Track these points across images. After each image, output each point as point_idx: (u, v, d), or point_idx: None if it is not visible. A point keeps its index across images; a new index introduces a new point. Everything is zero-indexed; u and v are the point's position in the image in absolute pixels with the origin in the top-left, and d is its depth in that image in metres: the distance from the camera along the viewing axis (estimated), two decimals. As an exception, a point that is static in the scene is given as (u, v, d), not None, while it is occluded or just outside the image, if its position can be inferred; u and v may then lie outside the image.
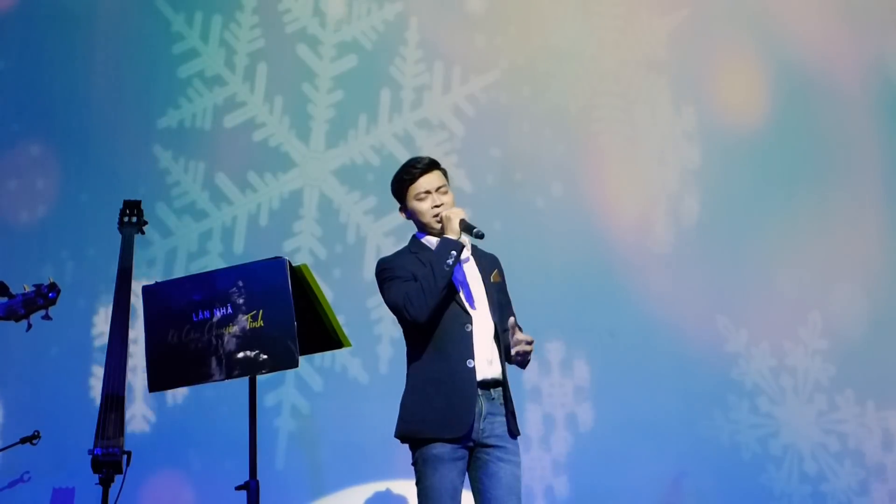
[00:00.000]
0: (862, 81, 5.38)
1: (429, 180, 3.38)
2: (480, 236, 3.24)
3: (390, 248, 5.08)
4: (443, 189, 3.38)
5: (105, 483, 3.88)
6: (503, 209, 5.11)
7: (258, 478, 3.11)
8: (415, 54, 5.35)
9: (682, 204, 5.23)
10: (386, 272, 3.35)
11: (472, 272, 3.37)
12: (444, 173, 3.45)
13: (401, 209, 3.47)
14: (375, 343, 5.00)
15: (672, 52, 5.38)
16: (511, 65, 5.36)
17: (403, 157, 5.19)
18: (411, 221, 3.48)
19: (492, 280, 3.38)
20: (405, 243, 5.23)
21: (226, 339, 3.09)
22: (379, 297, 4.98)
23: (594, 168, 5.27)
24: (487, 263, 3.42)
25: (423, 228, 3.42)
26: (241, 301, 3.10)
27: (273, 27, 5.35)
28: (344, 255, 5.12)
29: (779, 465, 4.96)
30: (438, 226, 3.34)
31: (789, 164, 5.28)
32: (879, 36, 5.44)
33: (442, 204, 3.35)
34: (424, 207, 3.36)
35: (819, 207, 5.24)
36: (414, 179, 3.39)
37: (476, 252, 3.45)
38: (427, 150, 5.21)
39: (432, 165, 3.42)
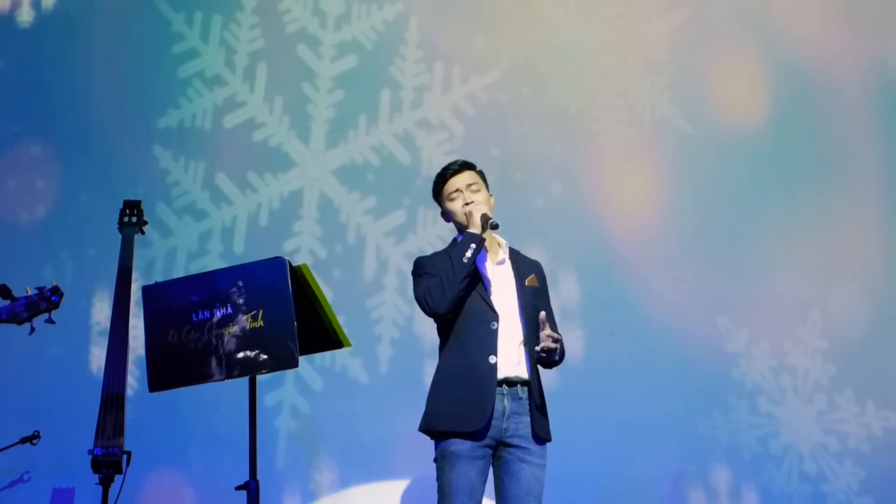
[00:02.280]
0: (862, 81, 5.38)
1: (460, 179, 3.43)
2: (495, 227, 3.30)
3: (390, 247, 5.09)
4: (474, 187, 3.42)
5: (105, 483, 3.88)
6: (503, 209, 5.09)
7: (258, 478, 3.11)
8: (415, 54, 5.35)
9: (683, 204, 5.23)
10: (417, 270, 3.41)
11: (505, 273, 3.39)
12: (481, 174, 3.49)
13: (441, 213, 3.51)
14: (375, 343, 5.00)
15: (672, 52, 5.38)
16: (511, 65, 5.36)
17: (403, 157, 5.23)
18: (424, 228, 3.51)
19: (526, 284, 3.39)
20: (405, 243, 5.24)
21: (226, 339, 3.09)
22: (379, 298, 5.06)
23: (594, 168, 5.27)
24: (525, 267, 3.44)
25: (460, 229, 3.44)
26: (241, 301, 3.10)
27: (273, 27, 5.35)
28: (344, 255, 5.12)
29: (779, 465, 4.96)
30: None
31: (789, 164, 5.28)
32: (879, 36, 5.44)
33: (472, 202, 3.37)
34: (456, 206, 3.41)
35: (819, 207, 5.24)
36: (445, 181, 3.45)
37: (516, 256, 3.47)
38: (427, 150, 5.22)
39: (465, 167, 3.47)
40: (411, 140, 5.25)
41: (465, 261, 3.25)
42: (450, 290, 3.25)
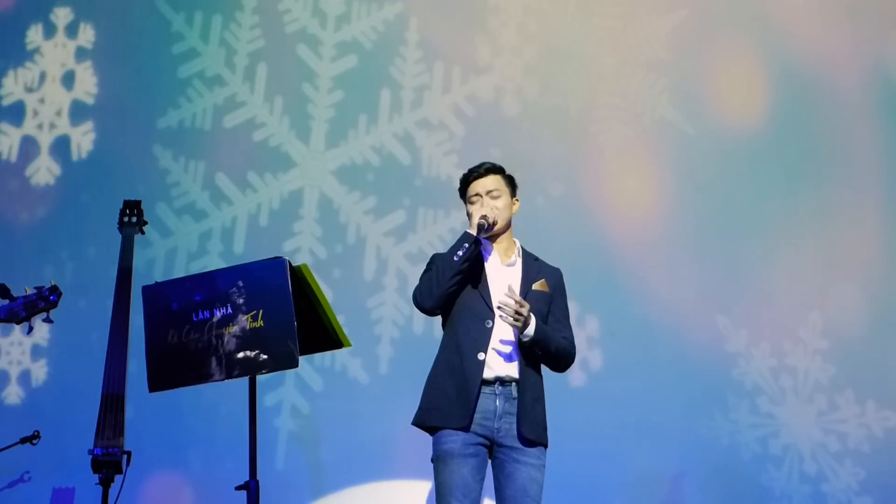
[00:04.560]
0: (862, 82, 5.37)
1: (482, 184, 3.42)
2: (481, 228, 3.29)
3: (390, 247, 5.09)
4: (494, 193, 3.40)
5: (105, 483, 3.88)
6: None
7: (258, 478, 3.11)
8: (415, 54, 5.35)
9: (682, 204, 5.22)
10: (427, 265, 3.42)
11: (512, 275, 3.37)
12: (508, 179, 3.46)
13: (467, 213, 3.49)
14: (375, 343, 5.00)
15: (672, 52, 5.38)
16: (511, 65, 5.36)
17: (403, 157, 5.23)
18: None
19: (534, 287, 3.38)
20: (405, 243, 5.23)
21: (226, 339, 3.09)
22: (379, 298, 5.06)
23: (594, 168, 5.27)
24: (538, 272, 3.41)
25: None
26: (241, 301, 3.10)
27: (273, 27, 5.35)
28: (344, 255, 5.12)
29: (779, 465, 4.96)
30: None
31: (789, 165, 5.28)
32: (879, 36, 5.43)
33: (491, 208, 3.37)
34: (472, 210, 3.40)
35: (819, 208, 5.23)
36: (468, 183, 3.44)
37: (532, 260, 3.45)
38: (427, 150, 5.22)
39: (490, 171, 3.45)
40: (411, 140, 5.25)
41: (455, 259, 3.26)
42: (437, 286, 3.28)
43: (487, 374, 3.25)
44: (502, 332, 3.29)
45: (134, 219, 4.48)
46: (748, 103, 5.34)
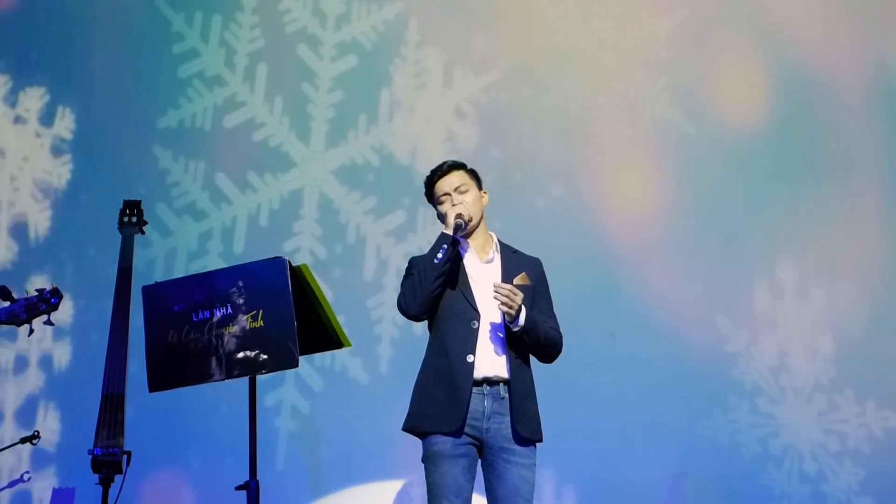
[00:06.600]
0: (862, 81, 5.37)
1: (448, 182, 3.38)
2: (458, 227, 3.26)
3: (390, 247, 5.09)
4: (462, 188, 3.37)
5: (105, 483, 3.88)
6: (503, 209, 5.10)
7: (258, 478, 3.11)
8: (415, 54, 5.35)
9: (682, 204, 5.22)
10: (407, 269, 3.39)
11: (492, 272, 3.34)
12: (472, 173, 3.44)
13: (437, 215, 3.46)
14: (375, 343, 5.00)
15: (672, 52, 5.38)
16: (511, 65, 5.36)
17: (403, 157, 5.23)
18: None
19: (515, 282, 3.33)
20: (405, 243, 5.23)
21: (226, 339, 3.09)
22: (379, 298, 5.06)
23: (594, 168, 5.28)
24: (517, 265, 3.37)
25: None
26: (241, 301, 3.10)
27: (273, 27, 5.35)
28: (344, 255, 5.12)
29: (779, 465, 4.96)
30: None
31: (789, 164, 5.28)
32: (880, 36, 5.43)
33: (458, 204, 3.34)
34: (444, 209, 3.36)
35: (819, 207, 5.23)
36: (433, 184, 3.40)
37: (510, 254, 3.42)
38: (427, 150, 5.22)
39: (453, 167, 3.41)
40: (411, 140, 5.25)
41: (435, 262, 3.23)
42: (420, 291, 3.24)
43: (475, 374, 3.22)
44: (488, 332, 3.27)
45: (134, 219, 4.48)
46: (748, 103, 5.34)
